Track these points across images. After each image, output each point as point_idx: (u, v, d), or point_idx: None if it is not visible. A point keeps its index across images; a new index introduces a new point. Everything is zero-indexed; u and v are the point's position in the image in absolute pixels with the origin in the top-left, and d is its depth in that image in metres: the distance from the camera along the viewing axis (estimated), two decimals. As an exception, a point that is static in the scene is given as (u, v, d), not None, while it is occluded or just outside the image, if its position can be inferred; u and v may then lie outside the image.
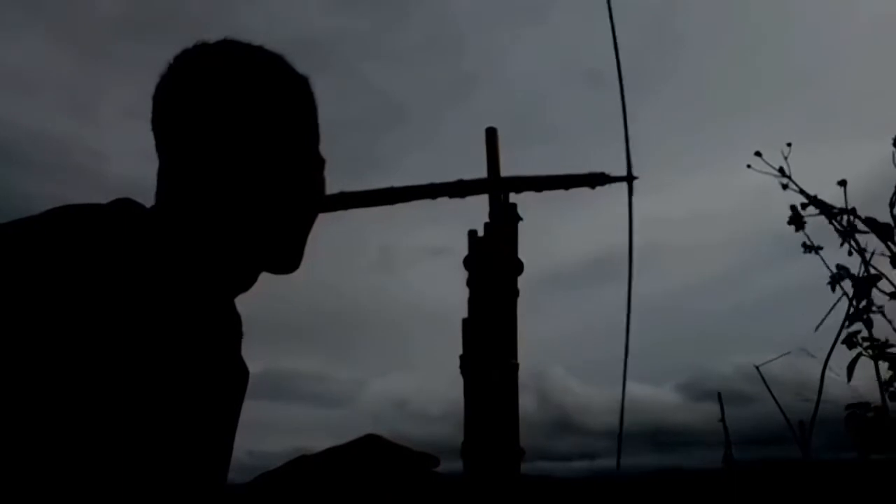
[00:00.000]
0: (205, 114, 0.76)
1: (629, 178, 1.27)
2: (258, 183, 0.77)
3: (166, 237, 0.73)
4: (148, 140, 0.81)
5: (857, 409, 1.73)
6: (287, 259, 0.83)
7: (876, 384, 1.68)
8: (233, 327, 0.84)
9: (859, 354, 1.70)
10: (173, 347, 0.67)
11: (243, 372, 0.86)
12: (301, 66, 0.87)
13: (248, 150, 0.76)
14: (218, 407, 0.77)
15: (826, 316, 1.71)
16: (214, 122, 0.75)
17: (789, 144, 1.79)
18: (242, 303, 0.87)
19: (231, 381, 0.82)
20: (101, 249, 0.63)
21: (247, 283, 0.83)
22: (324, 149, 0.88)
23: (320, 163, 0.85)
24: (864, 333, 1.70)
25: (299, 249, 0.83)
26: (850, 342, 1.70)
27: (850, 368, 1.69)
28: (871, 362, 1.69)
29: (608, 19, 1.35)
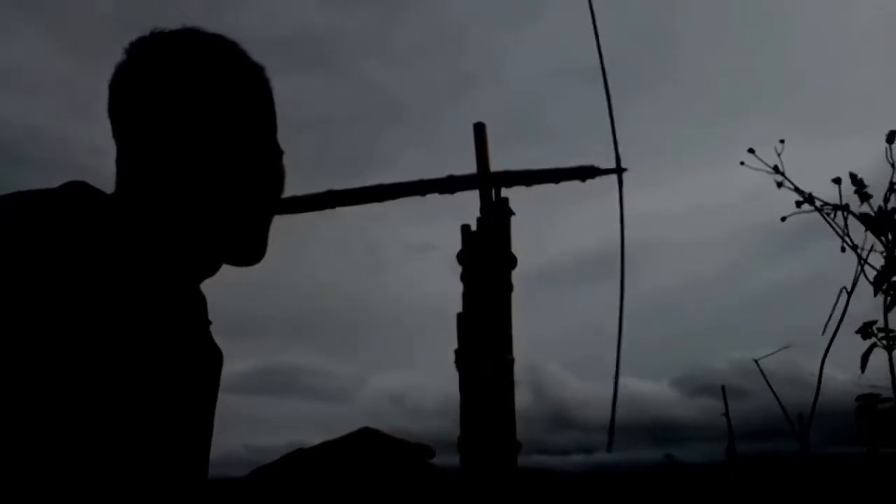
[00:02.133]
0: (160, 101, 0.75)
1: (618, 171, 1.27)
2: (213, 171, 0.75)
3: (123, 224, 0.72)
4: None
5: (868, 401, 1.72)
6: (247, 249, 0.81)
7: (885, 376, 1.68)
8: (198, 310, 0.83)
9: (873, 345, 1.69)
10: (141, 333, 0.67)
11: (217, 354, 0.85)
12: (298, 63, 0.88)
13: (203, 137, 0.75)
14: (194, 391, 0.76)
15: (832, 313, 1.71)
16: (170, 110, 0.75)
17: (782, 141, 1.78)
18: (241, 299, 0.88)
19: (204, 364, 0.81)
20: (56, 236, 0.62)
21: (208, 271, 0.82)
22: (320, 145, 0.88)
23: (278, 153, 0.84)
24: (880, 324, 1.70)
25: (260, 240, 0.82)
26: (865, 332, 1.70)
27: (864, 359, 1.69)
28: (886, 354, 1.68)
29: (601, 14, 1.34)
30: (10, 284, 0.58)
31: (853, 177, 1.73)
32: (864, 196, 1.71)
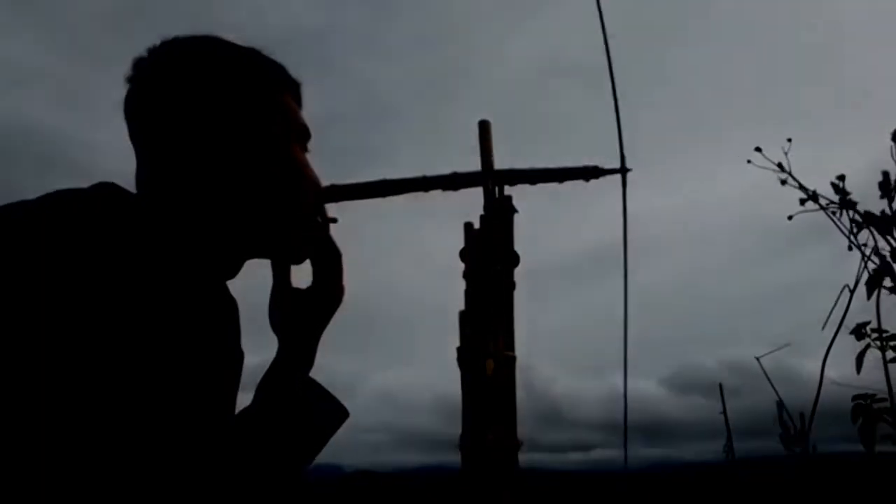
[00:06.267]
0: (179, 105, 0.77)
1: (622, 171, 1.27)
2: (227, 169, 0.78)
3: (151, 223, 0.74)
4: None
5: (864, 400, 1.72)
6: (279, 245, 0.83)
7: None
8: (227, 311, 0.85)
9: (867, 346, 1.69)
10: (165, 331, 0.68)
11: (239, 355, 0.87)
12: (291, 61, 0.87)
13: (218, 138, 0.77)
14: (215, 389, 0.78)
15: (832, 311, 1.71)
16: (186, 113, 0.77)
17: (789, 140, 1.79)
18: (239, 295, 0.88)
19: (227, 364, 0.83)
20: (92, 235, 0.64)
21: (230, 269, 0.84)
22: (316, 144, 0.88)
23: (296, 153, 0.85)
24: (873, 324, 1.70)
25: (289, 237, 0.84)
26: (859, 333, 1.70)
27: (859, 360, 1.69)
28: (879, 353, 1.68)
29: (593, 12, 1.34)
30: (22, 277, 0.58)
31: (835, 186, 1.73)
32: (848, 204, 1.71)
